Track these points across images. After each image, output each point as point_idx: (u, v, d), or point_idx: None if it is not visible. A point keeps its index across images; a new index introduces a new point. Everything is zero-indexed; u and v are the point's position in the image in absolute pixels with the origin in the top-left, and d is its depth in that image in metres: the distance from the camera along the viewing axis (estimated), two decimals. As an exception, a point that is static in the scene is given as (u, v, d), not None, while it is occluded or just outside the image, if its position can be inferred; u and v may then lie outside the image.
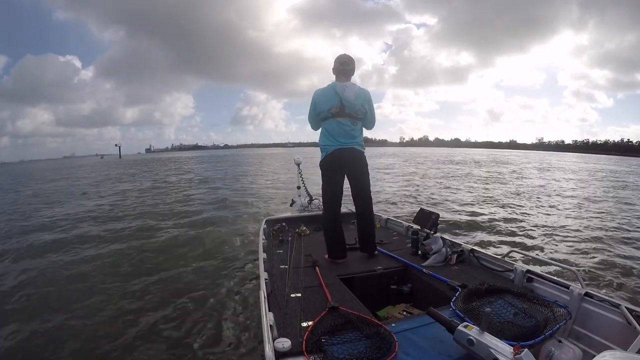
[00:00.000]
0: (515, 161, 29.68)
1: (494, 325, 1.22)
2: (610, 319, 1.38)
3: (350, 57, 2.26)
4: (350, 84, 2.22)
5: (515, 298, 1.48)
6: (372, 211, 2.39)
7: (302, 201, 3.87)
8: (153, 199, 9.36)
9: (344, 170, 2.29)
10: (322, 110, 2.24)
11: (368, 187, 2.36)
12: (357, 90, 2.22)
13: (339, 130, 2.21)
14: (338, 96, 2.18)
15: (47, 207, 8.65)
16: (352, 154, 2.24)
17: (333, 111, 2.19)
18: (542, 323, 1.29)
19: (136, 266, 3.94)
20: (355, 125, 2.24)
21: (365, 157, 2.34)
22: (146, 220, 6.49)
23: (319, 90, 2.28)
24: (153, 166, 30.13)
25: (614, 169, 23.39)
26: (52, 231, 5.92)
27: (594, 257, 4.04)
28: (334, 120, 2.21)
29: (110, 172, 23.10)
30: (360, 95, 2.21)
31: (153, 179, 16.21)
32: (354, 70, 2.27)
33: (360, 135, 2.29)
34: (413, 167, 21.38)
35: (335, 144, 2.22)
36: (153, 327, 2.55)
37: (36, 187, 14.85)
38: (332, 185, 2.31)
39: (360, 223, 2.38)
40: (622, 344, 1.24)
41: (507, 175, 15.93)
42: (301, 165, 4.09)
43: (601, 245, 4.56)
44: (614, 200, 8.80)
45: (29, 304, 3.00)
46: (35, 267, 3.96)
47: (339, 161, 2.24)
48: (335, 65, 2.25)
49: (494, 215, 6.55)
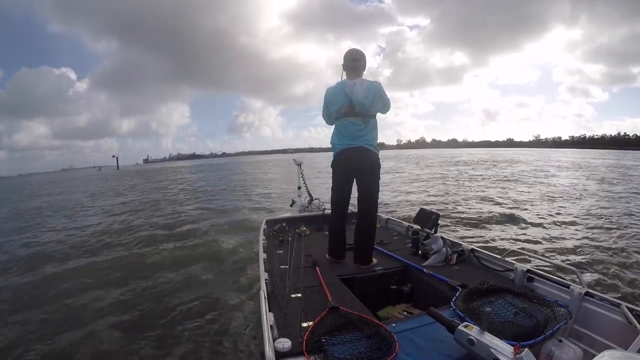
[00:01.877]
0: (525, 160, 28.55)
1: (494, 325, 1.22)
2: (610, 318, 1.38)
3: (360, 52, 2.16)
4: (359, 81, 2.10)
5: (515, 298, 1.48)
6: (374, 215, 2.23)
7: (302, 201, 3.87)
8: (152, 207, 9.35)
9: (353, 170, 2.20)
10: (333, 110, 2.19)
11: (375, 190, 2.21)
12: (367, 86, 2.09)
13: (349, 130, 2.15)
14: (348, 96, 2.12)
15: (54, 218, 8.55)
16: (361, 154, 2.14)
17: (343, 111, 2.14)
18: (543, 323, 1.29)
19: (135, 268, 3.94)
20: (367, 124, 2.15)
21: (378, 157, 2.20)
22: (145, 225, 6.51)
23: (330, 89, 2.21)
24: (152, 176, 29.91)
25: (627, 163, 22.65)
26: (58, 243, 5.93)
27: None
28: (345, 120, 2.15)
29: (107, 185, 22.32)
30: (370, 92, 2.09)
31: (154, 188, 16.12)
32: (364, 66, 2.17)
33: (371, 134, 2.17)
34: (426, 169, 20.01)
35: (345, 144, 2.17)
36: (153, 327, 2.55)
37: (37, 201, 14.47)
38: (339, 185, 2.26)
39: (357, 229, 2.22)
40: (623, 343, 1.23)
41: (530, 174, 14.78)
42: (302, 166, 4.10)
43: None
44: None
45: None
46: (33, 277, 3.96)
47: (348, 161, 2.17)
48: (345, 62, 2.16)
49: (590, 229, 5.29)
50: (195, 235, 5.61)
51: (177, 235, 5.58)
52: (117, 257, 4.46)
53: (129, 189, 16.74)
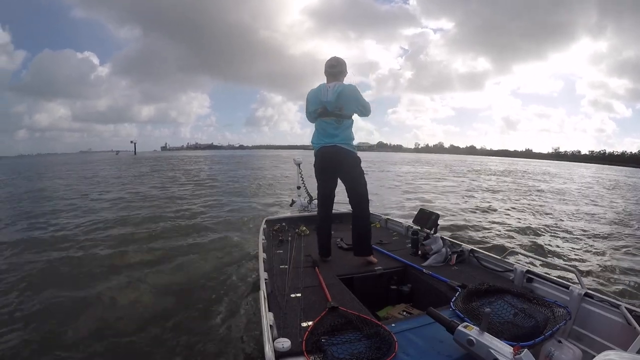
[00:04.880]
0: (556, 172, 26.37)
1: (493, 325, 1.22)
2: (610, 319, 1.38)
3: (336, 60, 2.29)
4: (333, 84, 2.23)
5: (515, 298, 1.48)
6: (365, 211, 2.28)
7: (302, 201, 3.88)
8: (158, 202, 9.23)
9: (331, 169, 2.31)
10: (312, 110, 2.32)
11: (360, 185, 2.27)
12: (338, 88, 2.19)
13: (325, 129, 2.27)
14: (320, 98, 2.24)
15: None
16: (336, 152, 2.23)
17: (319, 112, 2.27)
18: (542, 323, 1.29)
19: (134, 269, 3.94)
20: (340, 124, 2.23)
21: (356, 154, 2.28)
22: (143, 222, 6.47)
23: (311, 91, 2.34)
24: (173, 164, 28.95)
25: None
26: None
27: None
28: (321, 120, 2.28)
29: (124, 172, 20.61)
30: (340, 93, 2.18)
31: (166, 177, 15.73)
32: (342, 72, 2.29)
33: (344, 133, 2.25)
34: (458, 177, 17.66)
35: (321, 143, 2.28)
36: (152, 327, 2.55)
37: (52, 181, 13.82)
38: (320, 186, 2.39)
39: (353, 225, 2.30)
40: (622, 344, 1.24)
41: (580, 192, 12.42)
42: (301, 165, 4.09)
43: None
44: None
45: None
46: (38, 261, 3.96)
47: (324, 160, 2.29)
48: (325, 69, 2.31)
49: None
50: (196, 232, 5.60)
51: (178, 232, 5.57)
52: (114, 257, 4.44)
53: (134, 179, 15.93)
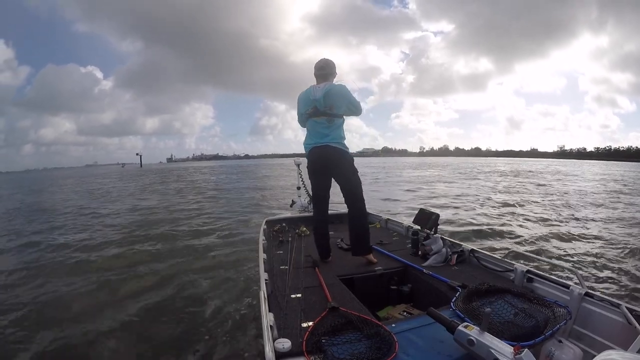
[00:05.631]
0: (569, 171, 26.00)
1: (494, 325, 1.22)
2: (610, 318, 1.38)
3: (325, 62, 2.32)
4: (323, 84, 2.25)
5: (515, 298, 1.48)
6: (361, 209, 2.27)
7: (302, 202, 3.88)
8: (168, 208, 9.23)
9: (324, 169, 2.29)
10: (303, 111, 2.33)
11: (354, 185, 2.26)
12: (326, 87, 2.21)
13: (316, 129, 2.27)
14: (310, 97, 2.26)
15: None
16: (327, 152, 2.23)
17: (309, 112, 2.27)
18: (543, 323, 1.29)
19: (134, 268, 3.94)
20: (331, 123, 2.24)
21: (348, 152, 2.28)
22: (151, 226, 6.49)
23: (301, 93, 2.36)
24: (180, 175, 28.92)
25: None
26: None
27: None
28: (312, 120, 2.28)
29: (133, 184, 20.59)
30: (329, 91, 2.19)
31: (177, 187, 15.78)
32: (331, 73, 2.31)
33: (335, 132, 2.25)
34: (472, 181, 16.69)
35: (312, 143, 2.28)
36: (153, 327, 2.55)
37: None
38: (314, 187, 2.39)
39: (350, 225, 2.29)
40: (623, 343, 1.24)
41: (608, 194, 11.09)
42: (301, 166, 4.10)
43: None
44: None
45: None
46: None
47: (316, 160, 2.29)
48: (314, 71, 2.34)
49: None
50: (196, 233, 5.62)
51: (178, 234, 5.58)
52: (117, 257, 4.46)
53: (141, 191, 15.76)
